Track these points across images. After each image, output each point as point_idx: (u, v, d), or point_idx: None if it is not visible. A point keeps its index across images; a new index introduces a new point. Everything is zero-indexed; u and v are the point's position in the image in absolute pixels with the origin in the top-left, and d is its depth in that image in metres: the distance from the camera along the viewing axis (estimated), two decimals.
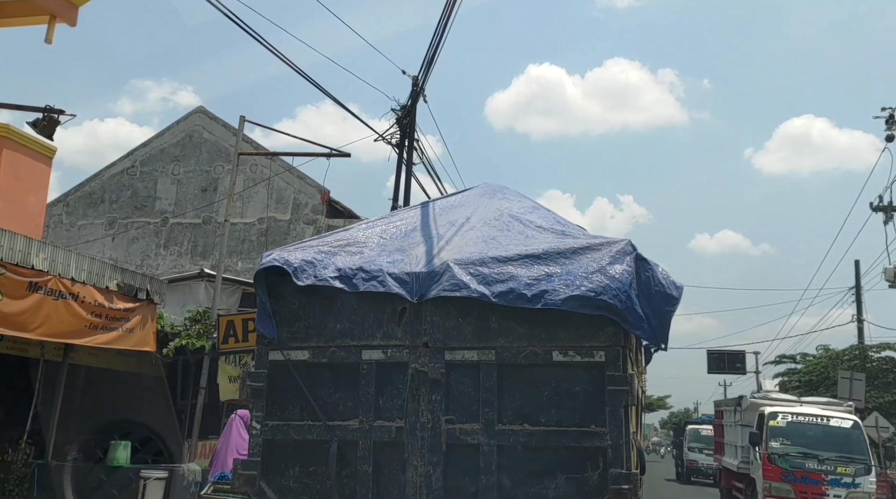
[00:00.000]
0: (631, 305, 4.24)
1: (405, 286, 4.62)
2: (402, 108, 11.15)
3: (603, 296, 4.22)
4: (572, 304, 4.25)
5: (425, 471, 4.39)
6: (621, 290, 4.26)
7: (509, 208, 5.49)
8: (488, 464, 4.33)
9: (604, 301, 4.21)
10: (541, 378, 4.41)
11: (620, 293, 4.24)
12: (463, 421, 4.43)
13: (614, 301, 4.21)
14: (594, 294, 4.24)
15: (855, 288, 28.85)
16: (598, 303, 4.21)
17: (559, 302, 4.26)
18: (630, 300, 4.25)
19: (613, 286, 4.26)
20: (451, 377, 4.50)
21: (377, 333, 4.65)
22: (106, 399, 11.90)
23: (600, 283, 4.28)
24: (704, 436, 25.18)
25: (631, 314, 4.21)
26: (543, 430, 4.32)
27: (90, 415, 11.60)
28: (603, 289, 4.25)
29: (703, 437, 25.61)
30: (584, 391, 4.35)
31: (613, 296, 4.22)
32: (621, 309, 4.19)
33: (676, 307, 4.65)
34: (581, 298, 4.25)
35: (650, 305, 4.43)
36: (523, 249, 4.69)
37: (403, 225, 5.41)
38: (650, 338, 4.35)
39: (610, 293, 4.23)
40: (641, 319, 4.26)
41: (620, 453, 4.21)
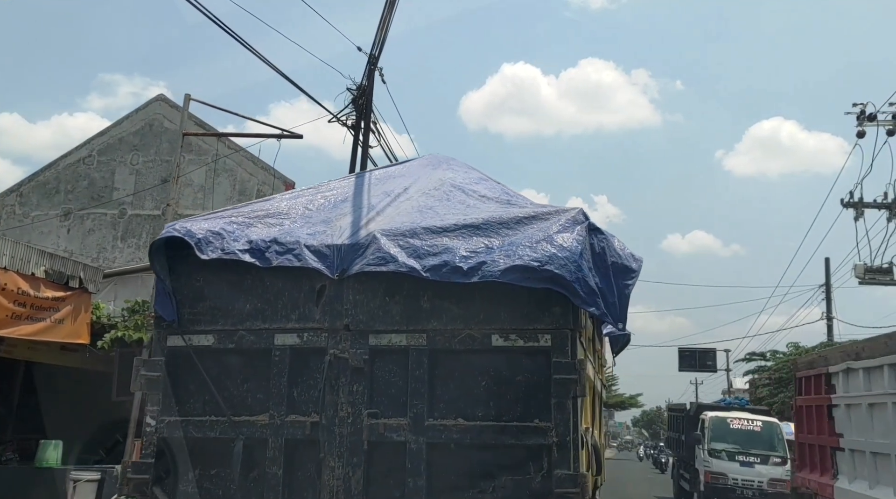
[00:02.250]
0: (581, 277, 3.67)
1: (325, 260, 4.02)
2: (357, 89, 10.52)
3: (549, 266, 3.66)
4: (513, 275, 3.68)
5: (344, 473, 3.79)
6: (570, 259, 3.70)
7: (453, 179, 4.92)
8: (416, 464, 3.75)
9: (549, 272, 3.63)
10: (478, 366, 3.85)
11: (569, 263, 3.68)
12: (388, 415, 3.85)
13: (562, 272, 3.64)
14: (539, 264, 3.68)
15: (825, 285, 28.85)
16: (544, 274, 3.64)
17: (498, 274, 3.69)
18: (580, 271, 3.68)
19: (561, 255, 3.70)
20: (376, 365, 3.92)
21: (292, 314, 4.04)
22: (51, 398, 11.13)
23: (546, 252, 3.72)
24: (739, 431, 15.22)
25: (582, 287, 3.64)
26: (480, 425, 3.76)
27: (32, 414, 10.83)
28: (549, 258, 3.69)
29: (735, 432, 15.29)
30: (527, 381, 3.79)
31: (561, 266, 3.65)
32: (570, 281, 3.62)
33: (635, 282, 4.11)
34: (524, 268, 3.68)
35: (605, 280, 3.88)
36: (461, 218, 4.11)
37: (333, 195, 4.80)
38: (605, 315, 3.78)
39: (557, 263, 3.66)
40: (594, 294, 3.70)
41: (567, 451, 3.66)
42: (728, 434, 14.87)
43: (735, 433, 14.90)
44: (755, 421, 15.34)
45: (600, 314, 3.73)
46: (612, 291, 3.90)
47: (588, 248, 3.86)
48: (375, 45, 9.39)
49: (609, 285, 3.89)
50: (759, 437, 14.85)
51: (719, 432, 14.91)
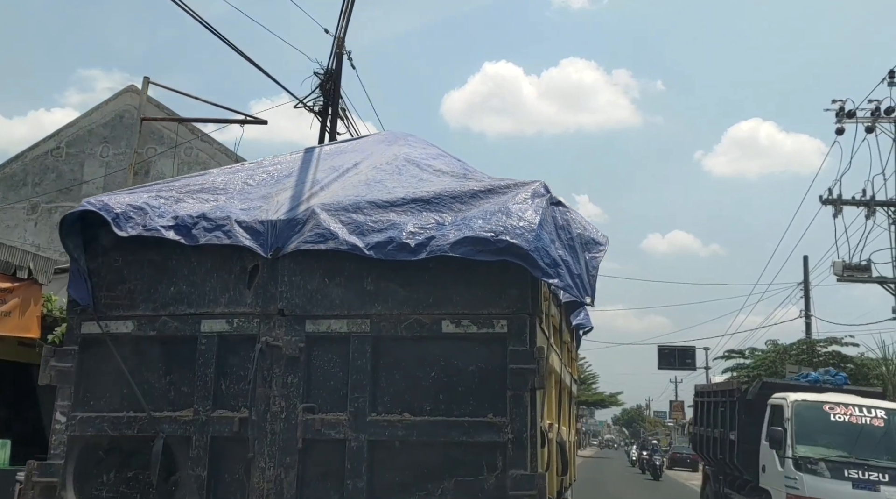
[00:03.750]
0: (541, 246, 3.30)
1: (258, 238, 3.61)
2: (325, 73, 10.09)
3: (504, 235, 3.28)
4: (465, 248, 3.30)
5: (275, 474, 3.39)
6: (528, 228, 3.33)
7: (409, 154, 4.52)
8: (356, 465, 3.36)
9: (505, 242, 3.26)
10: (427, 355, 3.46)
11: (527, 232, 3.31)
12: (327, 410, 3.45)
13: (519, 241, 3.27)
14: (493, 235, 3.31)
15: (803, 283, 28.88)
16: (499, 244, 3.27)
17: (447, 247, 3.32)
18: (539, 240, 3.31)
19: (519, 225, 3.33)
20: (313, 354, 3.52)
21: (221, 298, 3.63)
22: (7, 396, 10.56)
23: (501, 222, 3.35)
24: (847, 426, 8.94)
25: (542, 256, 3.27)
26: (428, 421, 3.38)
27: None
28: (504, 229, 3.32)
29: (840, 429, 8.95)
30: (480, 371, 3.42)
31: (518, 235, 3.29)
32: (528, 250, 3.25)
33: (603, 255, 3.75)
34: (476, 240, 3.31)
35: (570, 252, 3.51)
36: (410, 192, 3.72)
37: (276, 170, 4.39)
38: (570, 288, 3.39)
39: (513, 232, 3.29)
40: (556, 264, 3.33)
41: (523, 449, 3.29)
42: (828, 432, 8.86)
43: (840, 431, 8.81)
44: (874, 410, 8.99)
45: (564, 286, 3.35)
46: (577, 262, 3.52)
47: (550, 220, 3.50)
48: (340, 26, 8.96)
49: (574, 257, 3.52)
50: (884, 436, 8.76)
51: (812, 427, 8.85)
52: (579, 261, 3.55)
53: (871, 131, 21.92)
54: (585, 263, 3.61)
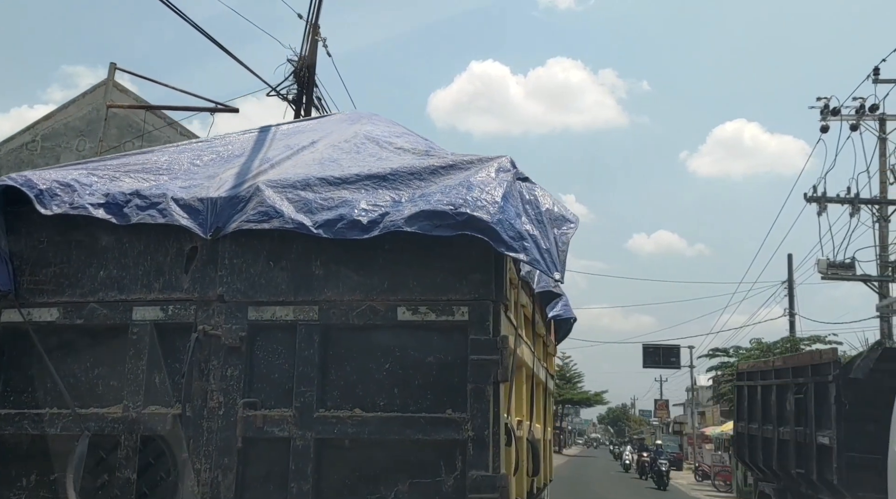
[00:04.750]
0: (505, 218, 3.01)
1: (196, 217, 3.29)
2: (298, 60, 9.75)
3: (465, 208, 3.00)
4: (421, 222, 3.01)
5: (211, 477, 3.07)
6: (491, 201, 3.05)
7: (370, 131, 4.21)
8: (302, 465, 3.05)
9: (465, 214, 2.97)
10: (381, 345, 3.16)
11: (489, 204, 3.02)
12: (270, 405, 3.14)
13: (480, 213, 2.98)
14: (452, 208, 3.01)
15: (787, 282, 28.85)
16: (459, 218, 2.98)
17: (402, 222, 3.03)
18: (503, 212, 3.03)
19: (481, 197, 3.05)
20: (256, 344, 3.21)
21: (155, 283, 3.31)
22: None
23: (461, 195, 3.07)
24: None
25: (505, 230, 2.98)
26: (381, 417, 3.07)
27: None
28: (465, 201, 3.03)
29: None
30: (439, 363, 3.12)
31: (479, 207, 3.00)
32: (490, 223, 2.97)
33: (573, 233, 3.46)
34: (433, 214, 3.01)
35: (538, 226, 3.22)
36: (366, 169, 3.42)
37: (226, 150, 4.07)
38: (537, 263, 3.08)
39: (474, 205, 3.01)
40: (522, 238, 3.04)
41: (485, 448, 2.99)
42: None
43: None
44: None
45: (530, 260, 3.05)
46: (546, 237, 3.23)
47: (516, 194, 3.21)
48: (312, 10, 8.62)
49: (543, 232, 3.22)
50: None
51: None
52: (548, 236, 3.26)
53: (855, 129, 21.86)
54: (555, 238, 3.32)
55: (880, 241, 20.93)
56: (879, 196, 21.37)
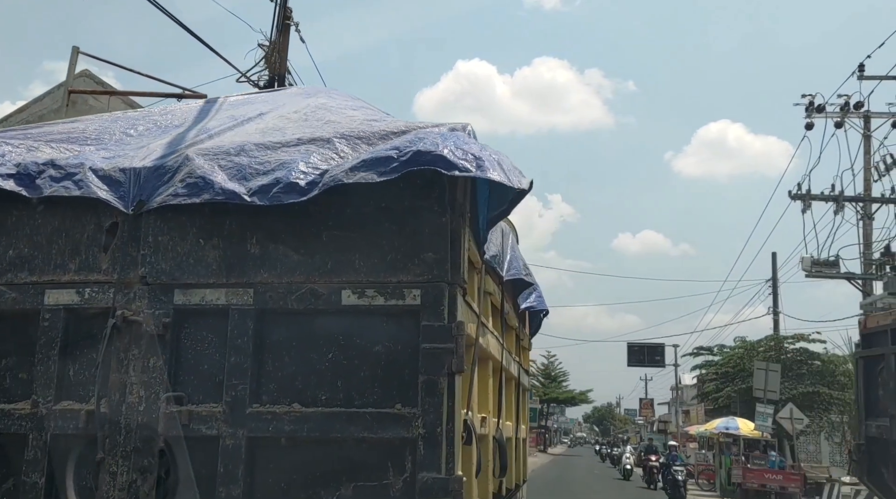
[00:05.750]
0: (454, 142, 2.74)
1: (117, 189, 2.94)
2: (269, 44, 9.38)
3: (411, 148, 2.72)
4: (363, 172, 2.71)
5: (129, 481, 2.73)
6: (443, 136, 2.80)
7: (325, 103, 3.88)
8: (232, 467, 2.71)
9: (410, 151, 2.70)
10: (323, 332, 2.83)
11: (438, 137, 2.77)
12: (198, 401, 2.80)
13: (427, 146, 2.70)
14: (398, 152, 2.72)
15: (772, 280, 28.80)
16: (404, 157, 2.69)
17: (342, 175, 2.72)
18: (449, 140, 2.75)
19: (430, 138, 2.77)
20: (182, 331, 2.87)
21: (70, 263, 2.96)
22: None
23: (408, 141, 2.79)
24: None
25: (455, 153, 2.70)
26: (323, 412, 2.75)
27: None
28: (410, 142, 2.77)
29: None
30: (388, 352, 2.80)
31: (431, 142, 2.73)
32: (438, 152, 2.69)
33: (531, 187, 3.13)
34: (377, 160, 2.72)
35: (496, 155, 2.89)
36: (309, 133, 3.09)
37: (165, 120, 3.72)
38: (499, 175, 2.75)
39: (422, 143, 2.73)
40: (478, 158, 2.73)
41: (437, 447, 2.67)
42: None
43: None
44: None
45: (482, 174, 2.74)
46: (505, 162, 2.91)
47: (471, 141, 2.90)
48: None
49: (503, 160, 2.91)
50: None
51: None
52: (509, 164, 2.93)
53: (840, 127, 21.79)
54: (518, 173, 2.99)
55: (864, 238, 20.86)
56: (864, 194, 21.30)
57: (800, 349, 25.39)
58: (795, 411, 19.06)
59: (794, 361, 24.83)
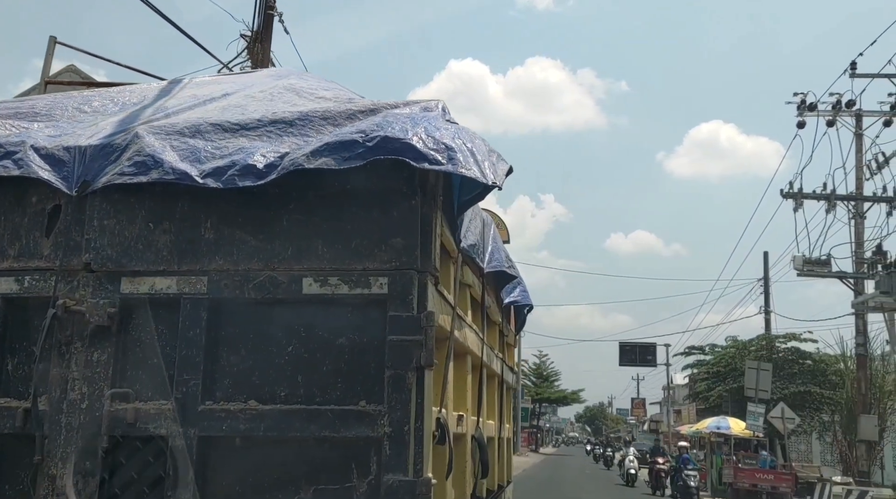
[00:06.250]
0: (423, 130, 2.54)
1: (60, 169, 2.71)
2: (251, 34, 9.15)
3: (377, 132, 2.52)
4: (326, 156, 2.50)
5: (69, 485, 2.51)
6: (413, 119, 2.60)
7: (295, 84, 3.66)
8: (182, 469, 2.50)
9: (377, 137, 2.50)
10: (283, 323, 2.62)
11: (406, 122, 2.57)
12: (145, 397, 2.58)
13: (394, 133, 2.51)
14: (363, 135, 2.52)
15: (763, 279, 28.75)
16: (371, 145, 2.49)
17: (303, 160, 2.51)
18: (418, 126, 2.56)
19: (399, 123, 2.57)
20: (130, 323, 2.65)
21: (9, 249, 2.74)
22: None
23: (374, 124, 2.59)
24: None
25: (424, 142, 2.50)
26: (281, 410, 2.53)
27: None
28: (378, 125, 2.56)
29: None
30: (352, 345, 2.59)
31: (400, 128, 2.53)
32: (406, 139, 2.49)
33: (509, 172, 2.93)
34: (341, 144, 2.52)
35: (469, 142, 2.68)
36: (271, 113, 2.88)
37: (122, 97, 3.49)
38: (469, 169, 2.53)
39: (390, 128, 2.53)
40: (449, 148, 2.53)
41: (404, 447, 2.47)
42: None
43: None
44: None
45: (459, 170, 2.53)
46: (481, 151, 2.71)
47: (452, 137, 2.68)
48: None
49: (478, 148, 2.71)
50: None
51: None
52: (484, 152, 2.74)
53: (831, 125, 21.74)
54: (493, 161, 2.79)
55: (856, 237, 20.81)
56: (855, 192, 21.25)
57: (791, 349, 25.33)
58: (787, 410, 18.97)
59: (786, 361, 24.76)
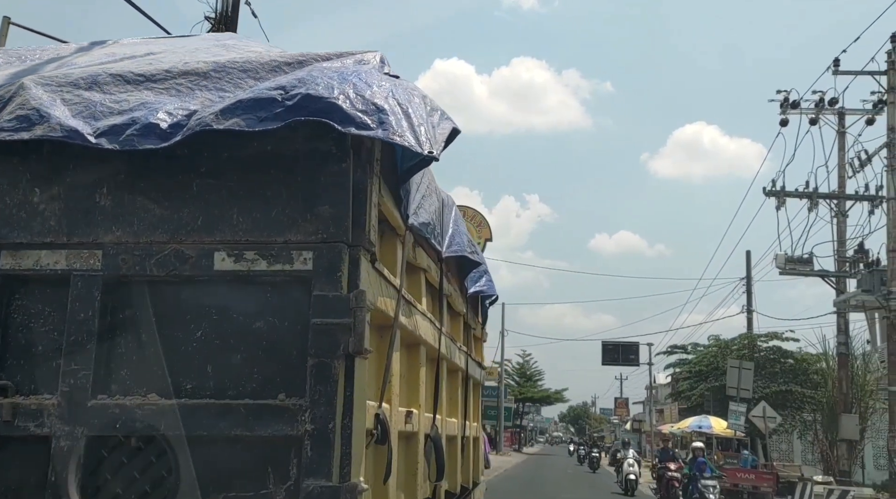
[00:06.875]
0: (351, 90, 2.21)
1: None
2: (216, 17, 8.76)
3: (298, 89, 2.18)
4: (239, 116, 2.16)
5: None
6: (342, 75, 2.26)
7: (227, 42, 3.30)
8: (65, 474, 2.13)
9: (298, 95, 2.15)
10: (190, 305, 2.27)
11: (337, 79, 2.23)
12: (27, 391, 2.22)
13: (318, 91, 2.17)
14: (282, 92, 2.18)
15: (746, 278, 28.67)
16: (291, 104, 2.15)
17: (212, 120, 2.16)
18: (360, 87, 2.22)
19: (324, 79, 2.23)
20: (11, 304, 2.29)
21: None
22: None
23: (298, 78, 2.25)
24: None
25: (352, 103, 2.17)
26: (187, 405, 2.18)
27: None
28: (301, 81, 2.22)
29: None
30: (271, 329, 2.24)
31: (325, 85, 2.19)
32: (331, 98, 2.15)
33: (455, 137, 2.61)
34: (256, 102, 2.17)
35: (406, 104, 2.35)
36: (182, 63, 2.51)
37: (33, 55, 3.11)
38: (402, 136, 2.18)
39: (314, 85, 2.19)
40: (379, 110, 2.19)
41: (328, 447, 2.12)
42: None
43: None
44: None
45: (389, 136, 2.19)
46: (418, 115, 2.37)
47: (388, 93, 2.34)
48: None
49: (415, 112, 2.37)
50: None
51: None
52: (422, 115, 2.40)
53: (814, 123, 21.61)
54: (433, 124, 2.46)
55: (838, 236, 20.70)
56: (837, 191, 21.14)
57: (773, 348, 25.23)
58: (768, 409, 18.82)
59: (768, 360, 24.66)
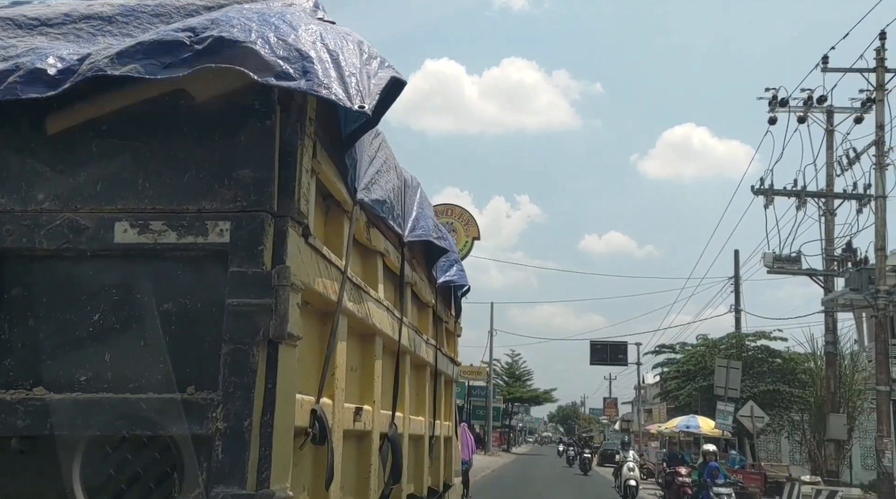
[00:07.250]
0: (283, 33, 1.93)
1: None
2: None
3: (212, 31, 1.89)
4: (138, 61, 1.85)
5: None
6: (264, 17, 1.98)
7: None
8: None
9: (211, 40, 1.86)
10: (87, 283, 1.96)
11: (257, 20, 1.95)
12: None
13: (232, 34, 1.88)
14: (191, 36, 1.88)
15: (734, 277, 28.55)
16: (201, 48, 1.85)
17: (106, 64, 1.85)
18: (283, 31, 1.94)
19: (241, 21, 1.94)
20: None
21: None
22: None
23: (211, 19, 1.97)
24: None
25: (271, 48, 1.88)
26: (79, 400, 1.87)
27: None
28: (213, 22, 1.93)
29: None
30: (181, 312, 1.93)
31: (241, 29, 1.90)
32: (248, 42, 1.86)
33: (400, 91, 2.33)
34: (160, 45, 1.88)
35: (336, 53, 2.05)
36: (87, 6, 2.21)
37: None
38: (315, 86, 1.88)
39: (228, 26, 1.90)
40: (303, 58, 1.90)
41: (242, 449, 1.81)
42: None
43: None
44: None
45: (308, 87, 1.88)
46: (350, 60, 2.07)
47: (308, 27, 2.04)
48: None
49: (345, 60, 2.07)
50: None
51: None
52: (355, 63, 2.10)
53: (803, 121, 21.48)
54: (369, 73, 2.16)
55: (826, 234, 20.57)
56: (826, 189, 21.01)
57: (761, 347, 25.09)
58: (756, 409, 18.63)
59: (756, 359, 24.51)
